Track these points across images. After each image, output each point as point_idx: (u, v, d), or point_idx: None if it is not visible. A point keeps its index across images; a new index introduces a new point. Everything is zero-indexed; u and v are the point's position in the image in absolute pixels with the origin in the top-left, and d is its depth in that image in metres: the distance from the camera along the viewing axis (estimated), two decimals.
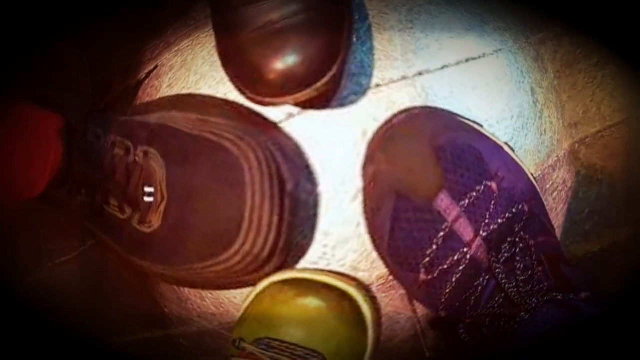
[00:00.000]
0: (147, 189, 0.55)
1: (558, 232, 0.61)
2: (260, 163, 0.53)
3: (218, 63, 0.53)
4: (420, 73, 0.57)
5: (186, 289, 0.58)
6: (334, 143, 0.60)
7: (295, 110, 0.58)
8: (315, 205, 0.59)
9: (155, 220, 0.54)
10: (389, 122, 0.53)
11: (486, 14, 0.59)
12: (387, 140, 0.51)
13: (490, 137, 0.57)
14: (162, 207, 0.54)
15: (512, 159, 0.59)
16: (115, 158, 0.54)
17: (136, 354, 0.58)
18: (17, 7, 0.48)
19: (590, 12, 0.56)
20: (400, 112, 0.54)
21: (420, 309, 0.59)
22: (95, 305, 0.58)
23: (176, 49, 0.56)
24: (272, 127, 0.55)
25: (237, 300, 0.57)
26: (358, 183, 0.58)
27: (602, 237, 0.60)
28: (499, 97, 0.58)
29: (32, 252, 0.58)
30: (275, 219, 0.52)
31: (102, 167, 0.53)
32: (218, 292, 0.57)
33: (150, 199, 0.55)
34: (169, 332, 0.58)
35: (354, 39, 0.58)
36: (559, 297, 0.48)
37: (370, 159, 0.53)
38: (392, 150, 0.51)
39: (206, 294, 0.58)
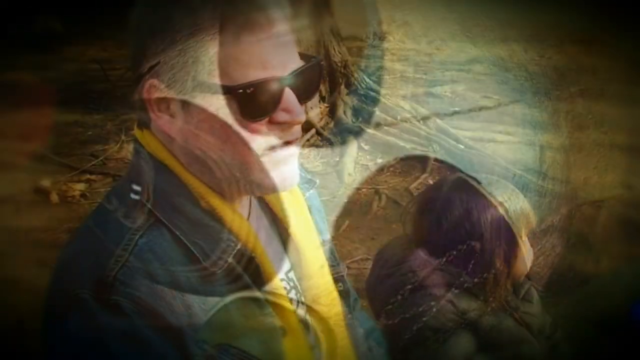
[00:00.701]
0: (135, 187, 0.56)
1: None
2: (241, 193, 0.56)
3: (216, 72, 0.51)
4: (429, 117, 0.54)
5: (160, 285, 0.58)
6: (313, 188, 0.59)
7: (278, 142, 0.54)
8: (285, 242, 0.61)
9: (140, 218, 0.55)
10: (379, 171, 0.51)
11: (510, 60, 0.56)
12: (372, 194, 0.50)
13: (487, 195, 0.55)
14: (146, 208, 0.55)
15: (504, 221, 0.57)
16: (108, 148, 0.54)
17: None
18: None
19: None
20: (396, 161, 0.52)
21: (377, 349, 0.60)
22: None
23: (180, 47, 0.53)
24: (254, 159, 0.54)
25: (206, 306, 0.58)
26: (327, 235, 0.58)
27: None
28: (505, 152, 0.56)
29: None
30: (250, 245, 0.55)
31: (94, 154, 0.54)
32: (189, 294, 0.58)
33: (137, 197, 0.56)
34: (137, 322, 0.59)
35: (362, 67, 0.54)
36: None
37: (348, 211, 0.51)
38: (375, 204, 0.50)
39: (178, 294, 0.58)
